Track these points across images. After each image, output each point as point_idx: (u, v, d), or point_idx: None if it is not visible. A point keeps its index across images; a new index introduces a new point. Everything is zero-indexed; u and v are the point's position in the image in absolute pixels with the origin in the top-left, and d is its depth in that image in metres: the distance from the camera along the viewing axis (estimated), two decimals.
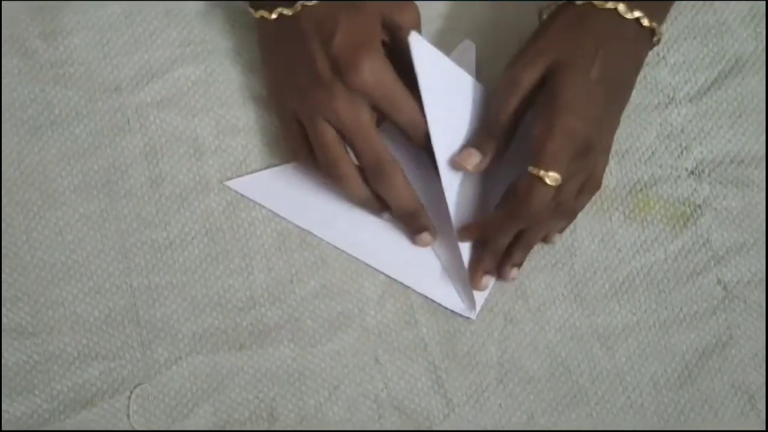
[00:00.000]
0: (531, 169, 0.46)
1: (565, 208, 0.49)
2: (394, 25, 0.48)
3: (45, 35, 0.52)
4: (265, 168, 0.52)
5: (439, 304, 0.51)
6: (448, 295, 0.51)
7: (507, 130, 0.48)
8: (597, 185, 0.50)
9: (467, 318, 0.51)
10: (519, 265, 0.50)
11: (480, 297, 0.51)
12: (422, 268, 0.51)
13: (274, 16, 0.48)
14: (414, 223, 0.50)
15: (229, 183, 0.52)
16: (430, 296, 0.51)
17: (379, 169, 0.48)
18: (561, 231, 0.51)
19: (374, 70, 0.46)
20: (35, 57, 0.52)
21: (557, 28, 0.48)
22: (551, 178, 0.45)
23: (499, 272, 0.50)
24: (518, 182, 0.47)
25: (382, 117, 0.49)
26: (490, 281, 0.50)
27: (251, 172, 0.52)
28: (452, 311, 0.51)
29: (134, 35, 0.52)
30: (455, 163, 0.48)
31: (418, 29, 0.49)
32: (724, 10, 0.55)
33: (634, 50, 0.49)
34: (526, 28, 0.54)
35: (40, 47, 0.52)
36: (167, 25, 0.53)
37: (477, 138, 0.49)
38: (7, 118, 0.51)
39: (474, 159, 0.48)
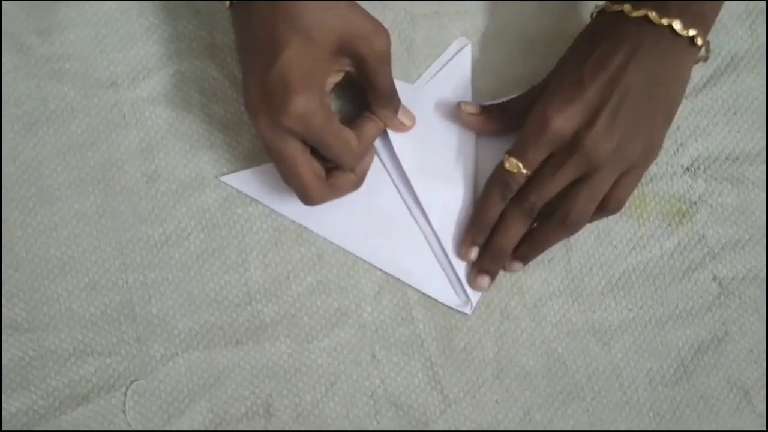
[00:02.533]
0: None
1: (568, 216, 0.48)
2: (359, 57, 0.45)
3: (41, 31, 0.52)
4: (262, 163, 0.52)
5: (435, 300, 0.51)
6: (444, 291, 0.51)
7: (516, 111, 0.50)
8: (613, 208, 0.49)
9: (463, 314, 0.51)
10: (522, 260, 0.50)
11: (475, 293, 0.51)
12: (418, 264, 0.51)
13: (227, 4, 0.46)
14: None
15: (225, 178, 0.51)
16: (425, 292, 0.51)
17: (307, 200, 0.47)
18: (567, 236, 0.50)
19: (301, 116, 0.43)
20: (31, 52, 0.52)
21: (580, 35, 0.49)
22: (510, 162, 0.47)
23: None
24: None
25: None
26: (486, 281, 0.50)
27: (247, 168, 0.52)
28: (448, 307, 0.51)
29: (130, 31, 0.52)
30: (457, 105, 0.51)
31: (386, 59, 0.46)
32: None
33: (657, 56, 0.46)
34: (523, 24, 0.54)
35: (36, 43, 0.52)
36: (163, 20, 0.52)
37: (489, 105, 0.52)
38: (3, 113, 0.51)
39: (472, 110, 0.51)
